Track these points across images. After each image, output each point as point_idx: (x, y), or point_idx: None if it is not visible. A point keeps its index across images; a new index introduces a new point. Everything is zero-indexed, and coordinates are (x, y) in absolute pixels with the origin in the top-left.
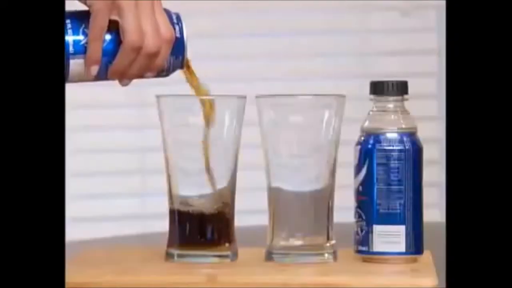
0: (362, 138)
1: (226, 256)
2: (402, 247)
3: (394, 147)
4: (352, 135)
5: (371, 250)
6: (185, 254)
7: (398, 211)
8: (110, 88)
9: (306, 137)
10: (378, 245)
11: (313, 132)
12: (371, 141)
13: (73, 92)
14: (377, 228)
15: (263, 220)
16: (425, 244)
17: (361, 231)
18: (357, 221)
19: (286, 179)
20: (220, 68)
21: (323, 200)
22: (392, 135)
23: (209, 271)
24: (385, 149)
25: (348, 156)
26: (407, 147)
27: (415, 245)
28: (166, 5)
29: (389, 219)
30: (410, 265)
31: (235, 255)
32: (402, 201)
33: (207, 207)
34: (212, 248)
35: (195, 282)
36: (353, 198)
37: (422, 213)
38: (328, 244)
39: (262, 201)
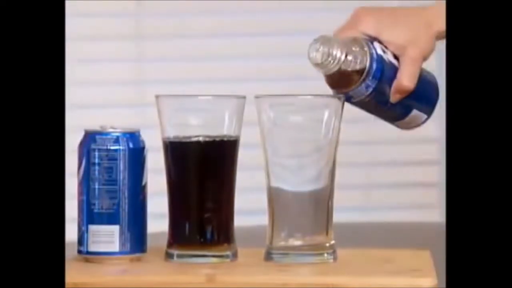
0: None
1: (225, 256)
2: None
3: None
4: (352, 135)
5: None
6: (184, 254)
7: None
8: (110, 88)
9: (306, 137)
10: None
11: (313, 132)
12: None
13: (73, 92)
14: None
15: (263, 220)
16: (425, 244)
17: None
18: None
19: (285, 179)
20: (220, 68)
21: (322, 200)
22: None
23: (209, 271)
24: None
25: (348, 156)
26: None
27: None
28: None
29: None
30: (410, 265)
31: (234, 255)
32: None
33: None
34: (211, 248)
35: (194, 282)
36: (353, 198)
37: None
38: (327, 244)
39: (262, 201)
